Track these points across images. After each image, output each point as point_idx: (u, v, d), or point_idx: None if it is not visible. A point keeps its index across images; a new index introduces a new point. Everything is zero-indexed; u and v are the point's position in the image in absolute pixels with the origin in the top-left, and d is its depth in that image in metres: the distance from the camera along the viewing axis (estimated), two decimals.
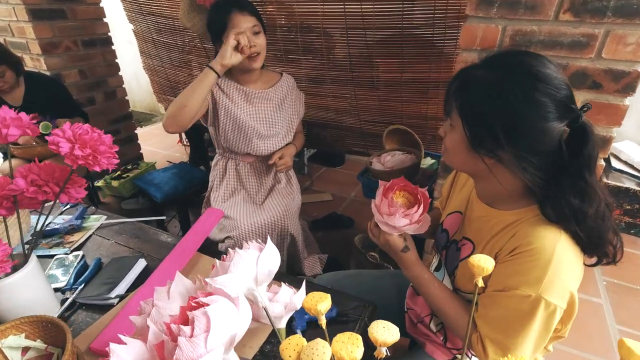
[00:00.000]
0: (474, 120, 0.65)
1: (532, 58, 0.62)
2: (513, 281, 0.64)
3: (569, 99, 0.61)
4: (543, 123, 0.60)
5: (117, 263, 0.98)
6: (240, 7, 1.26)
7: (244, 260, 0.56)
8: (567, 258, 0.62)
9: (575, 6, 0.91)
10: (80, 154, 0.70)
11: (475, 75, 0.65)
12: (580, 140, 0.61)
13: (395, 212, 0.72)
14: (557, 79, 0.60)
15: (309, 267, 1.57)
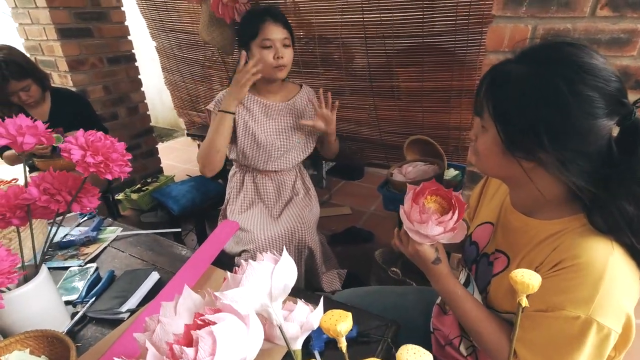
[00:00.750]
0: (509, 119, 0.59)
1: (576, 48, 0.55)
2: (558, 300, 0.56)
3: (621, 93, 0.54)
4: (591, 120, 0.53)
5: (130, 276, 0.96)
6: (275, 18, 1.27)
7: (257, 273, 0.51)
8: (621, 274, 0.54)
9: (615, 0, 0.84)
10: (92, 161, 0.68)
11: (510, 71, 0.58)
12: (634, 139, 0.54)
13: (428, 219, 0.65)
14: (606, 70, 0.54)
15: (328, 282, 1.50)
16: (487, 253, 0.77)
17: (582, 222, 0.59)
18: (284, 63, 1.28)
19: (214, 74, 2.44)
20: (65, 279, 0.97)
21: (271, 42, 1.26)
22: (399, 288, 1.12)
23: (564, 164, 0.56)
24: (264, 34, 1.25)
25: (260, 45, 1.26)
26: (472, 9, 1.50)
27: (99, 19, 2.26)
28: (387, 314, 0.82)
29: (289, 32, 1.30)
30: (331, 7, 1.75)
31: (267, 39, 1.25)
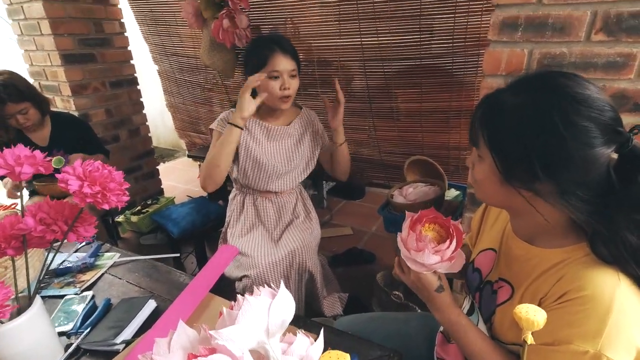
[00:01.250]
0: (505, 150, 0.58)
1: (568, 78, 0.55)
2: (565, 334, 0.54)
3: (616, 121, 0.54)
4: (587, 150, 0.53)
5: (126, 304, 0.94)
6: (284, 49, 1.26)
7: (254, 308, 0.49)
8: (630, 306, 0.52)
9: (609, 25, 0.85)
10: (89, 191, 0.68)
11: (504, 100, 0.58)
12: (633, 167, 0.53)
13: (424, 247, 0.64)
14: (600, 99, 0.53)
15: (329, 307, 1.47)
16: (491, 281, 0.75)
17: (586, 251, 0.58)
18: (290, 94, 1.28)
19: (215, 97, 2.47)
20: (60, 309, 0.94)
21: (279, 73, 1.25)
22: (402, 314, 1.09)
23: (561, 194, 0.55)
24: (273, 65, 1.24)
25: (267, 76, 1.25)
26: (468, 32, 1.53)
27: (102, 45, 2.31)
28: (390, 341, 0.80)
29: (297, 62, 1.30)
30: (330, 32, 1.79)
31: (276, 70, 1.24)
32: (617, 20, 0.84)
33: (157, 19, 2.34)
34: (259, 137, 1.38)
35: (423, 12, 1.54)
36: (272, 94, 1.27)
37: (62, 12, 2.09)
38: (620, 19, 0.84)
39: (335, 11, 1.71)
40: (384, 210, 1.55)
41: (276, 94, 1.26)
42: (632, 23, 0.83)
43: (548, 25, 0.91)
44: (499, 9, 0.96)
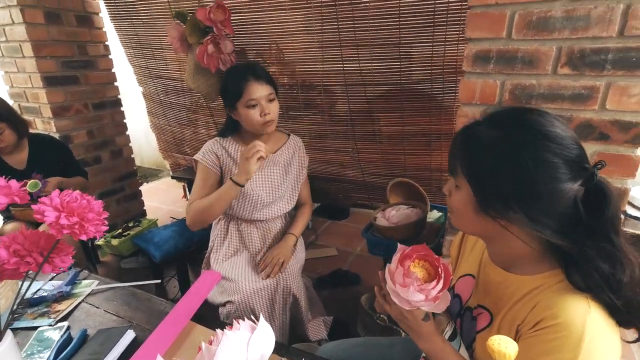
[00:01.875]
0: (481, 181, 0.61)
1: (540, 116, 0.59)
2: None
3: (582, 158, 0.58)
4: (556, 185, 0.56)
5: (103, 336, 0.91)
6: (257, 76, 1.27)
7: (232, 343, 0.49)
8: (600, 335, 0.55)
9: (573, 60, 0.91)
10: (66, 222, 0.67)
11: (481, 134, 0.61)
12: (599, 200, 0.57)
13: (410, 284, 0.63)
14: (567, 137, 0.57)
15: (314, 331, 1.45)
16: (471, 307, 0.76)
17: (560, 278, 0.60)
18: (271, 118, 1.29)
19: (200, 119, 2.48)
20: (31, 344, 0.91)
21: (256, 101, 1.26)
22: (386, 339, 1.09)
23: (533, 224, 0.58)
24: (249, 94, 1.25)
25: (245, 105, 1.27)
26: (446, 60, 1.59)
27: (86, 67, 2.30)
28: None
29: (273, 86, 1.31)
30: (313, 57, 1.84)
31: (252, 99, 1.26)
32: (580, 55, 0.89)
33: (142, 42, 2.36)
34: None
35: (402, 41, 1.61)
36: (253, 122, 1.28)
37: (46, 35, 2.09)
38: (583, 55, 0.89)
39: (318, 38, 1.76)
40: (367, 232, 1.56)
41: (258, 121, 1.28)
42: (594, 58, 0.88)
43: (518, 59, 0.96)
44: (471, 42, 1.01)
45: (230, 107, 1.32)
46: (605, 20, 0.85)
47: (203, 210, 1.28)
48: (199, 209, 1.29)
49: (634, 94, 0.87)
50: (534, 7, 0.91)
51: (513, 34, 0.95)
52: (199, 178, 1.36)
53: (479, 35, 0.99)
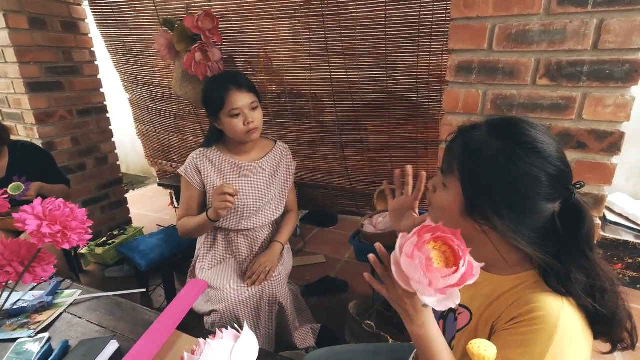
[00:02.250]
0: (474, 186, 0.63)
1: (537, 132, 0.62)
2: (514, 354, 0.58)
3: (567, 178, 0.61)
4: (538, 202, 0.60)
5: (86, 347, 0.89)
6: (238, 85, 1.27)
7: (215, 352, 0.49)
8: (572, 330, 0.57)
9: (551, 72, 0.94)
10: (48, 231, 0.66)
11: (481, 142, 0.63)
12: (575, 218, 0.60)
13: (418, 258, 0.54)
14: (559, 158, 0.61)
15: (301, 338, 1.45)
16: (454, 309, 0.78)
17: (537, 278, 0.63)
18: (255, 126, 1.29)
19: (187, 125, 2.47)
20: (10, 356, 0.88)
21: (239, 110, 1.27)
22: (372, 346, 1.09)
23: (513, 233, 0.60)
24: (231, 104, 1.25)
25: (228, 115, 1.27)
26: (431, 69, 1.63)
27: (71, 73, 2.27)
28: None
29: (255, 94, 1.31)
30: (301, 66, 1.85)
31: (235, 108, 1.26)
32: (557, 67, 0.93)
33: (129, 49, 2.34)
34: (229, 175, 1.38)
35: (388, 51, 1.64)
36: (237, 131, 1.28)
37: (30, 41, 2.06)
38: (560, 67, 0.93)
39: (306, 47, 1.79)
40: (355, 239, 1.57)
41: (241, 130, 1.28)
42: (570, 70, 0.92)
43: (499, 70, 0.99)
44: (454, 53, 1.04)
45: (214, 117, 1.32)
46: (580, 34, 0.89)
47: (189, 231, 1.36)
48: (184, 229, 1.37)
49: (609, 104, 0.90)
50: (513, 20, 0.94)
51: (494, 46, 0.98)
52: (183, 193, 1.39)
53: (462, 46, 1.02)
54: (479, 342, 0.44)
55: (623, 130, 0.92)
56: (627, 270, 2.14)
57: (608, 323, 0.59)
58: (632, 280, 2.14)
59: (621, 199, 2.33)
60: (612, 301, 0.59)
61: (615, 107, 0.90)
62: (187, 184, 1.37)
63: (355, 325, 1.50)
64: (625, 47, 0.86)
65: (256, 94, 1.32)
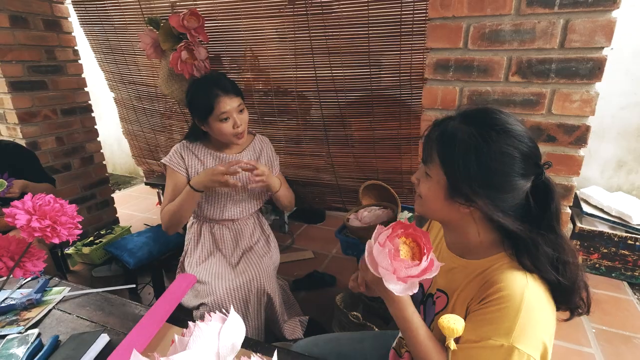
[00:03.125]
0: (456, 171, 0.68)
1: (505, 116, 0.67)
2: (485, 331, 0.63)
3: (536, 155, 0.67)
4: (514, 179, 0.65)
5: (76, 341, 0.90)
6: (225, 90, 1.29)
7: (204, 334, 0.52)
8: (536, 305, 0.62)
9: (522, 69, 0.99)
10: (38, 225, 0.68)
11: (457, 130, 0.68)
12: (545, 195, 0.65)
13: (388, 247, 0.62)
14: (527, 137, 0.66)
15: (290, 330, 1.48)
16: (432, 293, 0.82)
17: (504, 260, 0.68)
18: (243, 129, 1.33)
19: (174, 124, 2.47)
20: (1, 350, 0.89)
21: (228, 114, 1.29)
22: (357, 334, 1.14)
23: (493, 211, 0.66)
24: (220, 109, 1.28)
25: (218, 120, 1.29)
26: (413, 67, 1.68)
27: (54, 72, 2.25)
28: None
29: (241, 96, 1.34)
30: (287, 64, 1.88)
31: (224, 112, 1.28)
32: (527, 65, 0.98)
33: (114, 48, 2.33)
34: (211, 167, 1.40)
35: (371, 49, 1.68)
36: (226, 134, 1.31)
37: (11, 39, 2.03)
38: (530, 64, 0.98)
39: (291, 46, 1.81)
40: (341, 233, 1.61)
41: (230, 132, 1.31)
42: (540, 68, 0.97)
43: (474, 67, 1.04)
44: (432, 51, 1.08)
45: (201, 120, 1.34)
46: (548, 33, 0.94)
47: (172, 215, 1.33)
48: (168, 213, 1.34)
49: (575, 100, 0.96)
50: (487, 20, 0.99)
51: (469, 45, 1.03)
52: (168, 182, 1.39)
53: (439, 45, 1.06)
54: (449, 317, 0.48)
55: (589, 124, 0.98)
56: (603, 259, 2.24)
57: (568, 292, 0.66)
58: (607, 269, 2.24)
59: (596, 192, 2.43)
60: (573, 272, 0.65)
61: (582, 102, 0.96)
62: (172, 172, 1.38)
63: (343, 317, 1.54)
64: (589, 45, 0.91)
65: (241, 96, 1.35)
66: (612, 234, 2.18)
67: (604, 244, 2.21)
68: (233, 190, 1.41)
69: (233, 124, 1.30)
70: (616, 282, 2.18)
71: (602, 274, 2.25)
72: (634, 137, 2.39)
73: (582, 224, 2.27)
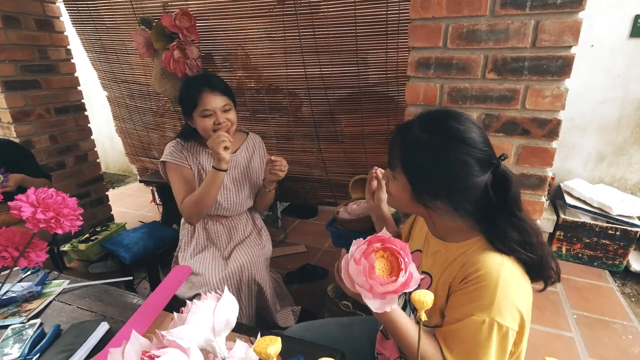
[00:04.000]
0: (418, 178, 0.75)
1: (460, 124, 0.73)
2: (468, 308, 0.69)
3: (490, 155, 0.73)
4: (471, 179, 0.71)
5: (77, 329, 0.95)
6: (212, 87, 1.32)
7: (201, 311, 0.57)
8: (512, 279, 0.69)
9: (497, 67, 1.05)
10: (43, 217, 0.72)
11: (415, 137, 0.75)
12: (504, 184, 0.72)
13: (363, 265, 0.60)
14: (480, 141, 0.72)
15: (282, 319, 1.54)
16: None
17: (482, 243, 0.74)
18: (227, 126, 1.34)
19: (167, 122, 2.50)
20: (4, 339, 0.93)
21: (211, 111, 1.32)
22: (346, 319, 1.19)
23: (454, 209, 0.74)
24: (204, 105, 1.31)
25: (200, 115, 1.33)
26: (399, 65, 1.73)
27: (47, 71, 2.27)
28: (335, 344, 0.89)
29: (229, 96, 1.37)
30: (277, 63, 1.93)
31: (207, 109, 1.32)
32: (502, 62, 1.04)
33: (106, 47, 2.36)
34: (208, 167, 1.45)
35: (359, 48, 1.73)
36: (206, 130, 1.34)
37: (3, 39, 2.05)
38: (505, 62, 1.04)
39: (281, 44, 1.86)
40: (331, 226, 1.67)
41: (210, 129, 1.34)
42: (513, 65, 1.03)
43: (453, 65, 1.10)
44: (414, 50, 1.14)
45: (187, 115, 1.38)
46: (521, 33, 1.00)
47: (197, 202, 1.35)
48: (192, 201, 1.35)
49: (547, 95, 1.02)
50: (464, 20, 1.05)
51: (448, 44, 1.09)
52: (175, 178, 1.41)
53: (420, 44, 1.12)
54: (420, 292, 0.53)
55: (560, 118, 1.04)
56: (585, 249, 2.33)
57: (539, 267, 0.73)
58: (589, 258, 2.32)
59: (579, 184, 2.52)
60: (540, 249, 0.72)
61: (553, 97, 1.02)
62: (175, 167, 1.41)
63: (333, 306, 1.60)
64: (558, 44, 0.98)
65: (230, 97, 1.37)
66: (594, 224, 2.27)
67: (586, 234, 2.30)
68: (229, 191, 1.46)
69: (214, 121, 1.33)
70: (598, 271, 2.27)
71: (584, 263, 2.34)
72: (613, 131, 2.47)
73: (565, 215, 2.36)
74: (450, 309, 0.73)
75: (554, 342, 1.70)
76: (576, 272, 2.25)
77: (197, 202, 1.35)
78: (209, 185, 1.31)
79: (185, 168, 1.42)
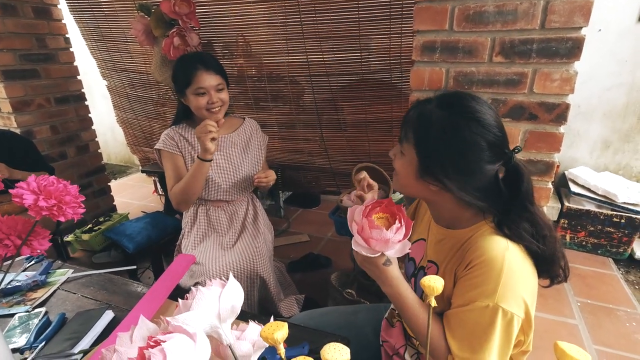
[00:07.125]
0: (427, 153, 0.73)
1: (477, 104, 0.71)
2: (472, 294, 0.68)
3: (503, 143, 0.71)
4: (480, 164, 0.69)
5: (82, 317, 0.95)
6: (206, 66, 1.32)
7: (206, 297, 0.57)
8: (516, 266, 0.67)
9: (505, 50, 1.03)
10: (45, 204, 0.71)
11: (432, 113, 0.72)
12: (516, 178, 0.70)
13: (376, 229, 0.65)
14: (496, 126, 0.70)
15: (286, 308, 1.54)
16: (423, 266, 0.88)
17: (485, 228, 0.73)
18: (219, 105, 1.35)
19: (168, 111, 2.48)
20: (11, 328, 0.94)
21: (205, 90, 1.32)
22: (351, 307, 1.19)
23: (460, 191, 0.71)
24: (197, 83, 1.31)
25: (194, 93, 1.32)
26: (403, 50, 1.70)
27: (46, 61, 2.25)
28: (340, 332, 0.88)
29: (222, 76, 1.36)
30: (278, 50, 1.90)
31: (201, 87, 1.31)
32: (510, 45, 1.02)
33: (105, 35, 2.32)
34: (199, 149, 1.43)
35: (361, 33, 1.70)
36: (200, 109, 1.34)
37: (1, 27, 2.03)
38: (513, 45, 1.01)
39: (282, 31, 1.83)
40: (334, 214, 1.66)
41: (204, 107, 1.34)
42: (522, 48, 1.01)
43: (459, 49, 1.07)
44: (419, 34, 1.11)
45: (180, 93, 1.38)
46: (529, 14, 0.97)
47: (184, 190, 1.36)
48: (180, 189, 1.36)
49: (555, 79, 1.00)
50: (470, 2, 1.02)
51: (454, 26, 1.06)
52: (167, 165, 1.42)
53: (425, 27, 1.09)
54: (429, 277, 0.53)
55: (568, 102, 1.02)
56: (589, 237, 2.32)
57: (549, 262, 0.71)
58: (593, 246, 2.32)
59: (584, 172, 2.50)
60: (552, 244, 0.71)
61: (561, 81, 1.00)
62: (168, 154, 1.41)
63: (337, 294, 1.60)
64: (568, 25, 0.95)
65: (224, 77, 1.38)
66: (599, 212, 2.26)
67: (590, 222, 2.29)
68: (226, 172, 1.45)
69: (208, 100, 1.33)
70: (602, 259, 2.27)
71: (588, 251, 2.33)
72: (619, 118, 2.44)
73: (569, 203, 2.34)
74: (456, 296, 0.72)
75: (558, 329, 1.71)
76: (580, 260, 2.25)
77: (184, 190, 1.36)
78: (194, 174, 1.32)
79: (176, 155, 1.42)
